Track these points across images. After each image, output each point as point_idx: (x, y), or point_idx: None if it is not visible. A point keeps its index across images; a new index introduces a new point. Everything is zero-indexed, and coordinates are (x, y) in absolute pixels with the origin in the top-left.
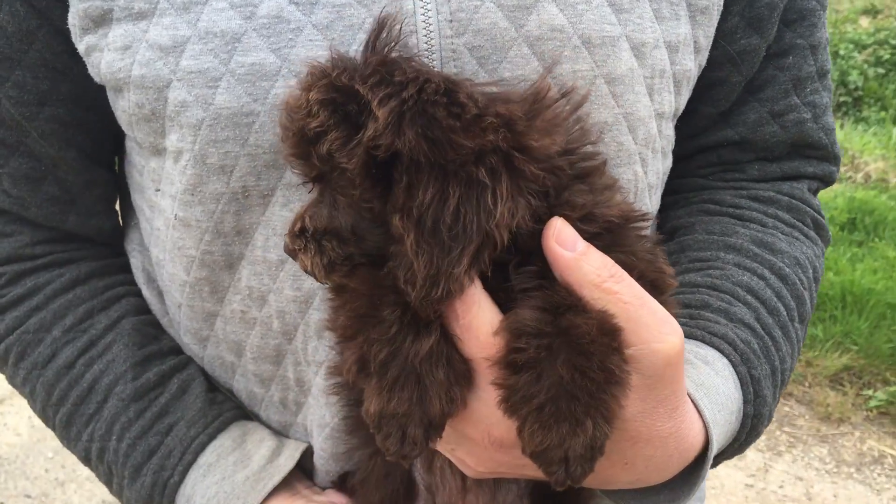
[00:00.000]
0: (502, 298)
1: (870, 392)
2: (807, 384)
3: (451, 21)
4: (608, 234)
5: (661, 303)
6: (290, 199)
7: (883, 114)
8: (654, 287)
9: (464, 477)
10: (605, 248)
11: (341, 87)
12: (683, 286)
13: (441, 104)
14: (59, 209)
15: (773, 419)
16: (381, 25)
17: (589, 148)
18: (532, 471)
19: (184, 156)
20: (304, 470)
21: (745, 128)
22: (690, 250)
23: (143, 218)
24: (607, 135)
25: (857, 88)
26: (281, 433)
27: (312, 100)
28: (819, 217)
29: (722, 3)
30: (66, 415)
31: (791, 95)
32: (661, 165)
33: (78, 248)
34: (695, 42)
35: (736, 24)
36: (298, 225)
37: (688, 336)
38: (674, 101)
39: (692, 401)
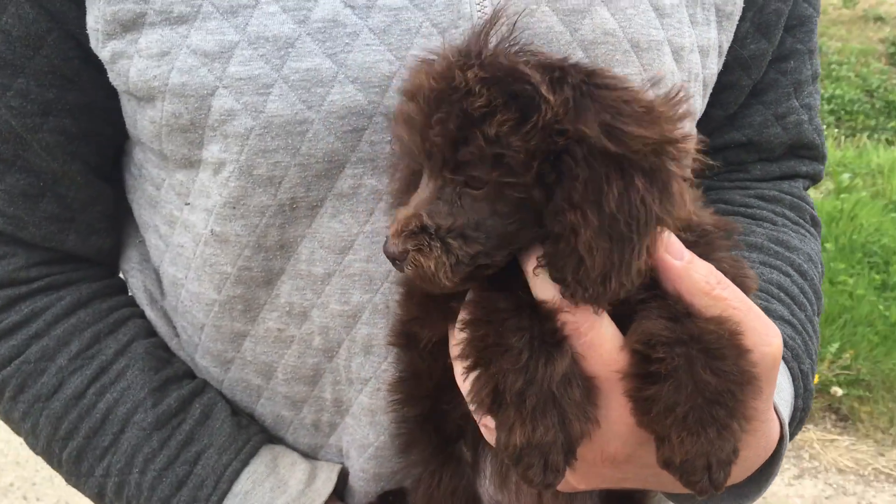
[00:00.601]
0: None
1: None
2: None
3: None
4: (703, 242)
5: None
6: (340, 209)
7: None
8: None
9: (540, 492)
10: (702, 257)
11: (504, 67)
12: None
13: (613, 91)
14: (57, 228)
15: None
16: (494, 17)
17: None
18: (636, 482)
19: (226, 167)
20: (335, 491)
21: (752, 130)
22: None
23: (153, 235)
24: None
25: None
26: (309, 455)
27: (474, 78)
28: (814, 213)
29: (741, 9)
30: (77, 449)
31: (792, 98)
32: None
33: (76, 268)
34: (719, 47)
35: (747, 30)
36: (416, 223)
37: None
38: (701, 105)
39: None
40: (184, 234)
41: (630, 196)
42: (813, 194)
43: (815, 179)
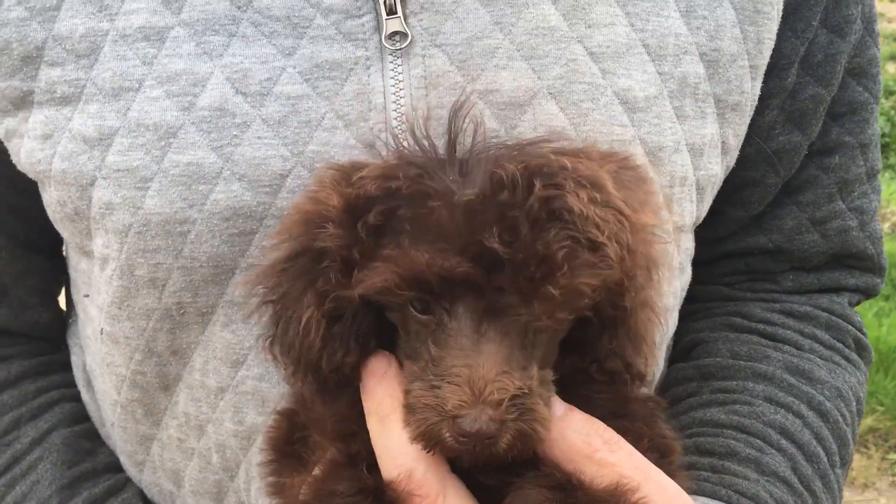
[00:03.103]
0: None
1: (895, 456)
2: None
3: (428, 119)
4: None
5: (669, 472)
6: (233, 318)
7: None
8: (661, 454)
9: None
10: (608, 416)
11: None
12: (705, 424)
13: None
14: None
15: None
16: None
17: None
18: None
19: (110, 264)
20: None
21: (781, 235)
22: (714, 379)
23: (79, 318)
24: None
25: (884, 135)
26: None
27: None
28: (861, 336)
29: (756, 97)
30: None
31: (836, 200)
32: (678, 283)
33: (9, 344)
34: (723, 143)
35: (774, 119)
36: (516, 386)
37: (711, 495)
38: (695, 211)
39: None
40: (88, 326)
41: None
42: None
43: (868, 294)
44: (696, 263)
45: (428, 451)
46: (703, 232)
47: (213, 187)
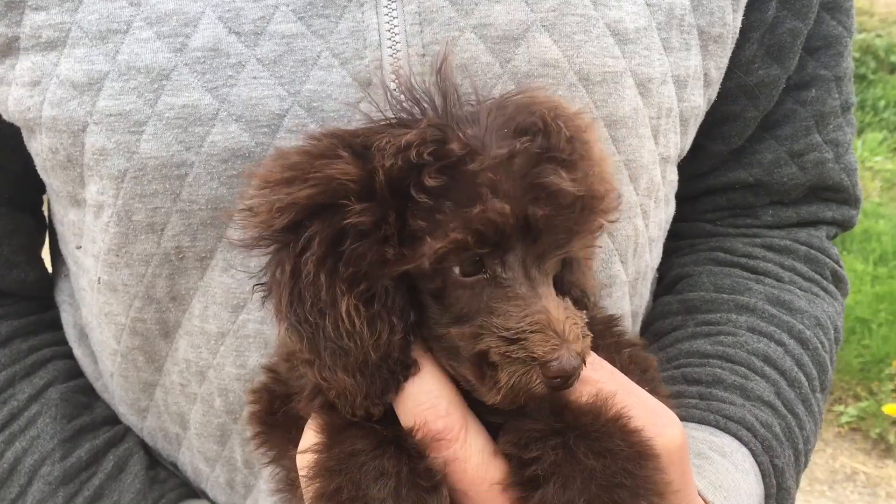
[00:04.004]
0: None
1: (841, 408)
2: None
3: (423, 55)
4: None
5: (647, 380)
6: (232, 262)
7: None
8: (641, 369)
9: None
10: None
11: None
12: (691, 356)
13: None
14: None
15: None
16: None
17: None
18: None
19: (105, 211)
20: None
21: (761, 169)
22: (698, 312)
23: (71, 271)
24: None
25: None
26: None
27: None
28: (838, 268)
29: (737, 30)
30: None
31: (813, 133)
32: (663, 215)
33: None
34: (705, 75)
35: (755, 53)
36: (582, 323)
37: (700, 421)
38: (679, 142)
39: None
40: (84, 278)
41: None
42: None
43: (844, 226)
44: (680, 200)
45: (513, 401)
46: (686, 167)
47: (210, 129)
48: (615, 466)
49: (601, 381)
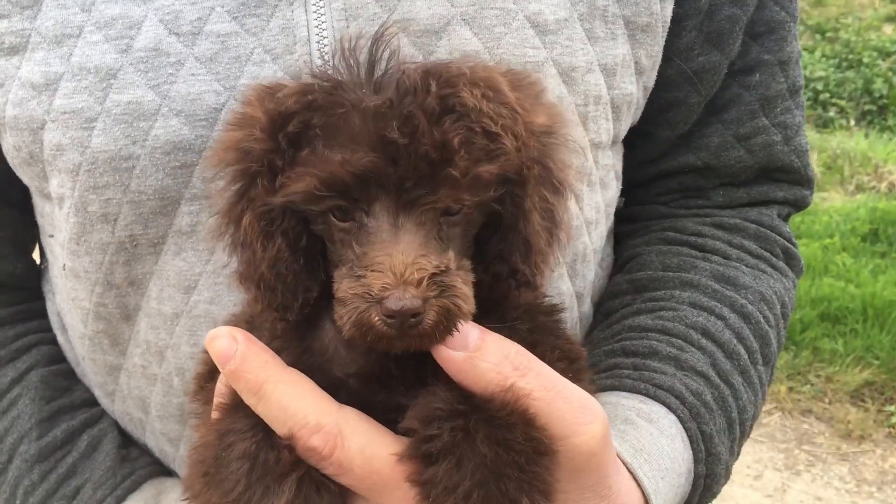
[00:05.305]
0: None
1: (892, 408)
2: (826, 401)
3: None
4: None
5: (576, 377)
6: (183, 247)
7: None
8: (570, 361)
9: None
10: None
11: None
12: (632, 330)
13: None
14: None
15: (792, 437)
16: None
17: None
18: None
19: (65, 203)
20: None
21: (708, 153)
22: (645, 290)
23: (48, 260)
24: None
25: (881, 97)
26: None
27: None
28: (790, 246)
29: (668, 18)
30: None
31: (759, 116)
32: (599, 198)
33: None
34: (636, 63)
35: (693, 40)
36: (433, 266)
37: (631, 390)
38: (612, 128)
39: (630, 470)
40: (55, 265)
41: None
42: None
43: (797, 206)
44: (633, 185)
45: (362, 338)
46: (637, 154)
47: (153, 123)
48: (508, 458)
49: (531, 390)
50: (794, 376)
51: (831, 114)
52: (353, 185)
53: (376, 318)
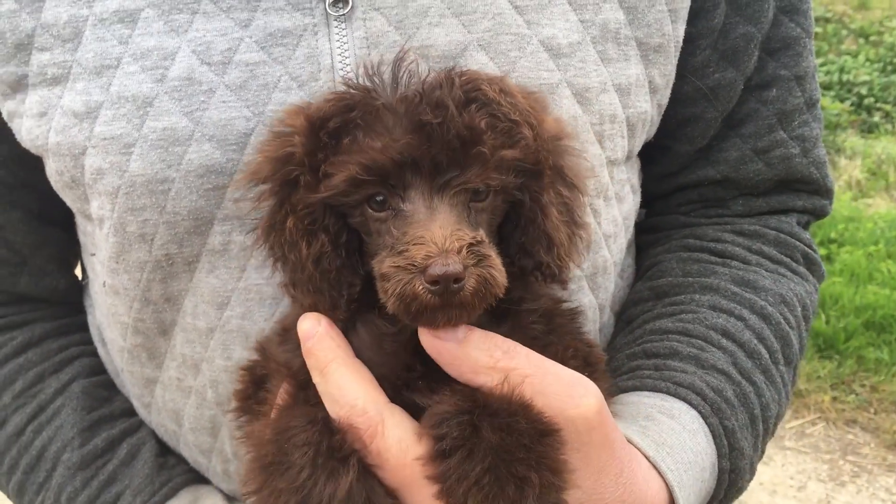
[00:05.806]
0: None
1: None
2: (872, 411)
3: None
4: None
5: (593, 377)
6: (216, 265)
7: None
8: (586, 362)
9: None
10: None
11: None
12: (653, 333)
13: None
14: (8, 272)
15: (837, 448)
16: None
17: None
18: None
19: (105, 223)
20: None
21: (727, 166)
22: (666, 296)
23: (89, 277)
24: None
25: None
26: (235, 499)
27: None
28: (811, 252)
29: (681, 38)
30: (18, 483)
31: (776, 130)
32: (616, 212)
33: (32, 309)
34: (650, 82)
35: (707, 58)
36: (469, 238)
37: (652, 389)
38: (627, 146)
39: (653, 464)
40: (96, 282)
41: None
42: None
43: (817, 214)
44: (654, 198)
45: (406, 311)
46: (657, 168)
47: (187, 148)
48: (513, 441)
49: (518, 367)
50: (838, 386)
51: (876, 119)
52: (391, 170)
53: (420, 288)
